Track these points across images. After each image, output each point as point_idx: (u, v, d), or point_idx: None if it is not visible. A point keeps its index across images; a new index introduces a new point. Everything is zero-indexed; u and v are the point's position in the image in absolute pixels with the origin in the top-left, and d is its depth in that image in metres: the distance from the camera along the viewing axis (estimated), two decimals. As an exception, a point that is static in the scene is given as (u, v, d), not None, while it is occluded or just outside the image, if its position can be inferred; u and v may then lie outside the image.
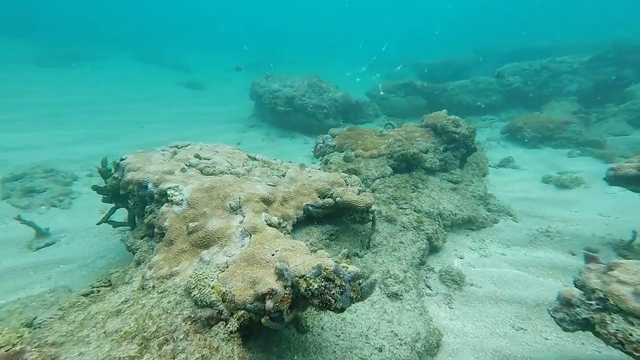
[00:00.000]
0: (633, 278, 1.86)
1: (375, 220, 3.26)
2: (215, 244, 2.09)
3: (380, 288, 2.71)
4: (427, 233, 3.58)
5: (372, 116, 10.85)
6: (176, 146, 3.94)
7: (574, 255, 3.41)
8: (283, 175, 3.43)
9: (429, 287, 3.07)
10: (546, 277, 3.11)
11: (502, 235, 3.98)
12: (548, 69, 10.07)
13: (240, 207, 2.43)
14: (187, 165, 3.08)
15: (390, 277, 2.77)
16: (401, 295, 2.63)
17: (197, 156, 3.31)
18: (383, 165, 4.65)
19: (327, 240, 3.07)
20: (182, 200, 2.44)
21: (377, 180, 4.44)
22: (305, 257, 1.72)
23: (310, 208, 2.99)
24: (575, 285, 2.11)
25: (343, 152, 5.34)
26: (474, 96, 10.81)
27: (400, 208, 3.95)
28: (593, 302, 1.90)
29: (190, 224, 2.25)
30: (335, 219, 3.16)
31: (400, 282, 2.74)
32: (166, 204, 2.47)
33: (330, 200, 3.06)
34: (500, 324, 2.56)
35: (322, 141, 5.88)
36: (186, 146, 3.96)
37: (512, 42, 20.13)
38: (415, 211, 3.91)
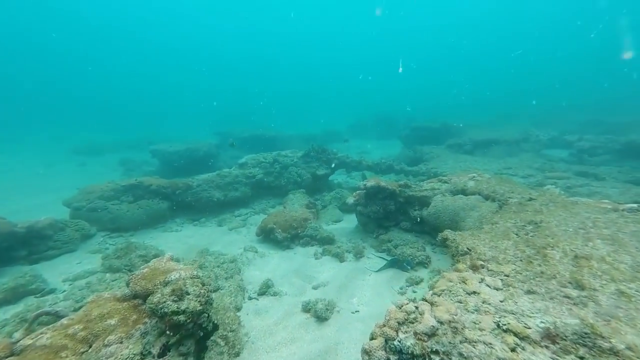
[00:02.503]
0: None
1: None
2: None
3: None
4: None
5: (76, 241, 6.83)
6: None
7: None
8: None
9: None
10: None
11: None
12: (278, 161, 11.45)
13: None
14: None
15: None
16: None
17: None
18: None
19: None
20: None
21: None
22: None
23: None
24: None
25: None
26: (224, 191, 10.06)
27: None
28: None
29: None
30: None
31: None
32: None
33: None
34: None
35: None
36: None
37: (249, 128, 23.24)
38: None
